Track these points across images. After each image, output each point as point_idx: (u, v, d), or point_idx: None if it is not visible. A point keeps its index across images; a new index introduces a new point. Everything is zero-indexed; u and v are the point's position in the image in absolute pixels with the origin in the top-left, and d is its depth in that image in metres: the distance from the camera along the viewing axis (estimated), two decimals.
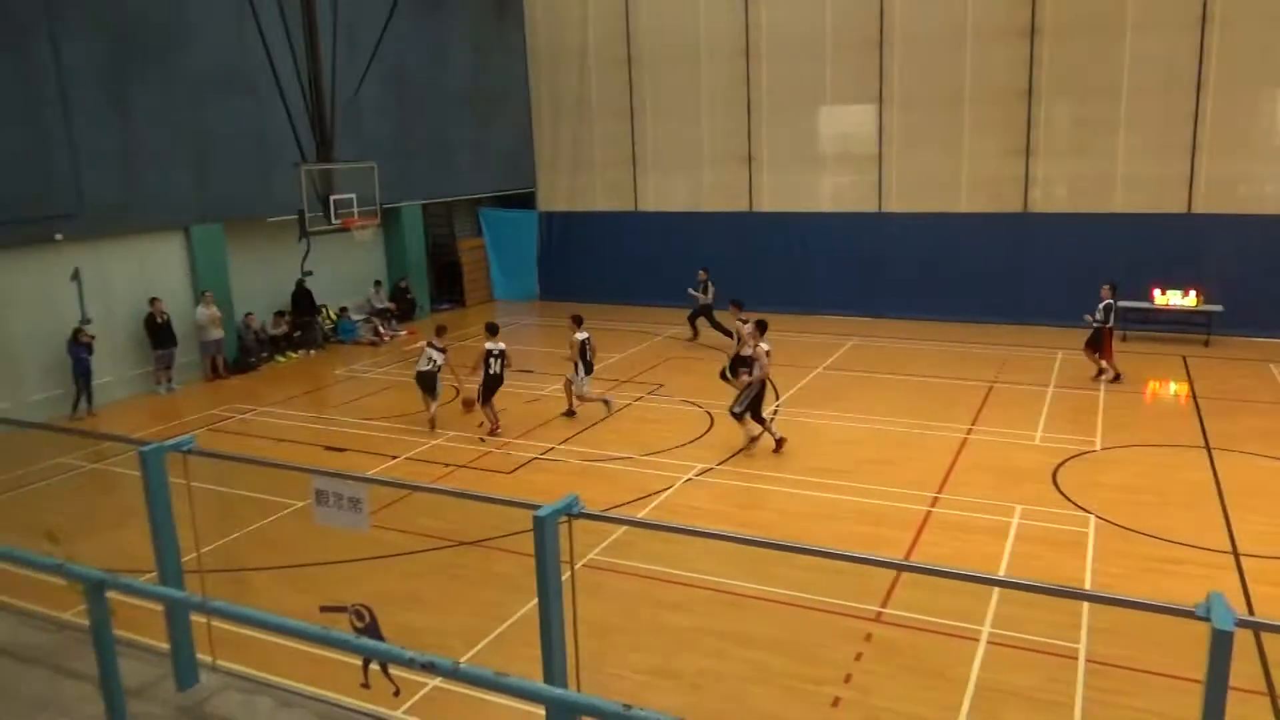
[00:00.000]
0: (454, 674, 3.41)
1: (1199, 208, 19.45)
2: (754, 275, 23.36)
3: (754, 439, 13.07)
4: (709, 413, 14.94)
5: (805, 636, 8.16)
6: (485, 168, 25.18)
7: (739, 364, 13.70)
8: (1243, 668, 7.12)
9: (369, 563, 9.65)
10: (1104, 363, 16.21)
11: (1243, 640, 3.36)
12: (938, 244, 21.64)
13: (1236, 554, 9.62)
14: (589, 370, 14.92)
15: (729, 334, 16.38)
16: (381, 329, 21.62)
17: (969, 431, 13.72)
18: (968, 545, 10.02)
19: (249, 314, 19.08)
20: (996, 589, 8.69)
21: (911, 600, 8.58)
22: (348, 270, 22.02)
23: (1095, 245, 20.16)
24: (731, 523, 10.62)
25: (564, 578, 4.43)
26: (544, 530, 4.31)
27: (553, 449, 13.45)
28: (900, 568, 9.02)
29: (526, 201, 26.43)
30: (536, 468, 12.75)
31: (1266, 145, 19.02)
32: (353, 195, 17.45)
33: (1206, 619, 3.23)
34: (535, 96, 25.86)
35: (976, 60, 20.68)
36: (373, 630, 6.84)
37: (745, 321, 13.81)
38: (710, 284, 20.17)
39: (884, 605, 8.56)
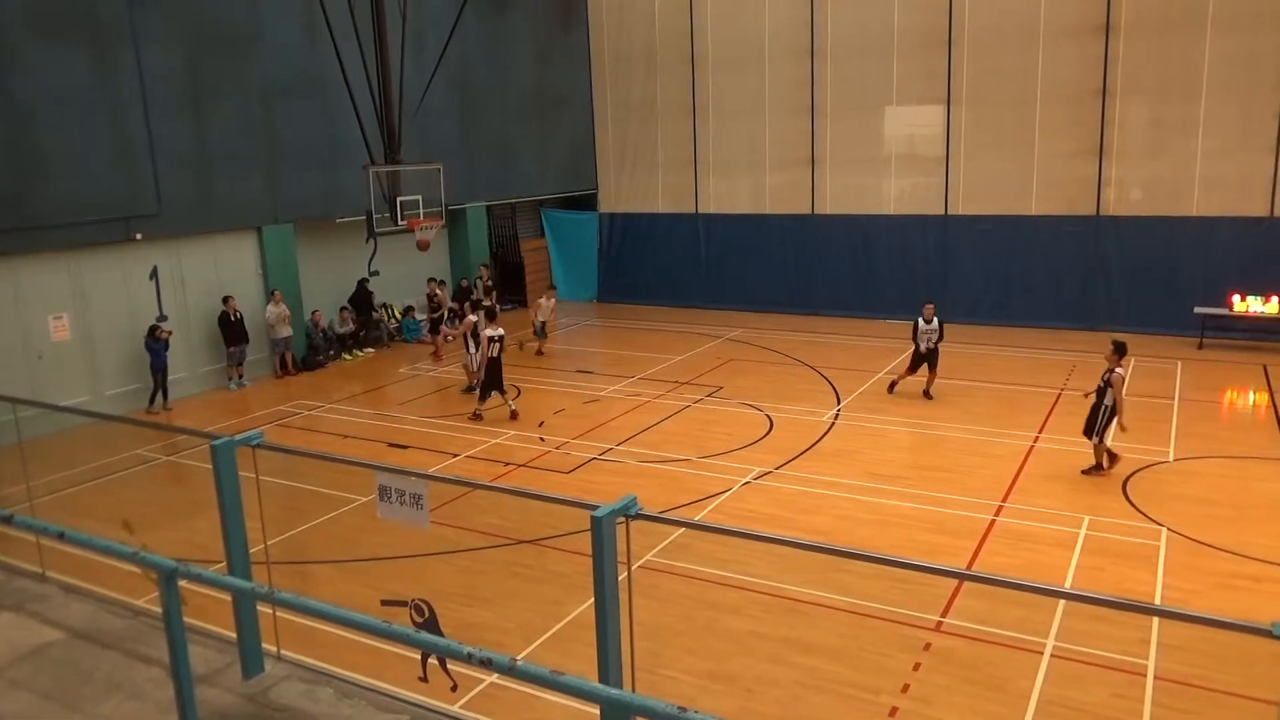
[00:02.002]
0: (511, 671, 3.45)
1: None
2: (816, 278, 23.20)
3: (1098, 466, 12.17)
4: (768, 416, 14.84)
5: (863, 644, 8.06)
6: (548, 169, 25.42)
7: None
8: None
9: (429, 558, 9.80)
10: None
11: None
12: (1006, 247, 21.17)
13: None
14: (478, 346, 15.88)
15: None
16: (445, 328, 21.93)
17: (1036, 439, 13.41)
18: (1033, 556, 9.79)
19: (316, 312, 19.53)
20: (1062, 601, 8.48)
21: (973, 610, 8.41)
22: (413, 271, 22.40)
23: (1171, 249, 19.54)
24: (789, 527, 10.54)
25: (620, 578, 4.45)
26: (601, 530, 4.32)
27: (611, 449, 13.51)
28: (963, 577, 8.86)
29: (588, 203, 26.60)
30: (595, 468, 12.81)
31: None
32: (418, 196, 17.75)
33: None
34: (598, 98, 25.99)
35: (1048, 59, 20.18)
36: (432, 625, 6.95)
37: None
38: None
39: (944, 615, 8.41)
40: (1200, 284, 18.98)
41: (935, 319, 15.49)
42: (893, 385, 15.96)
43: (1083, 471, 12.01)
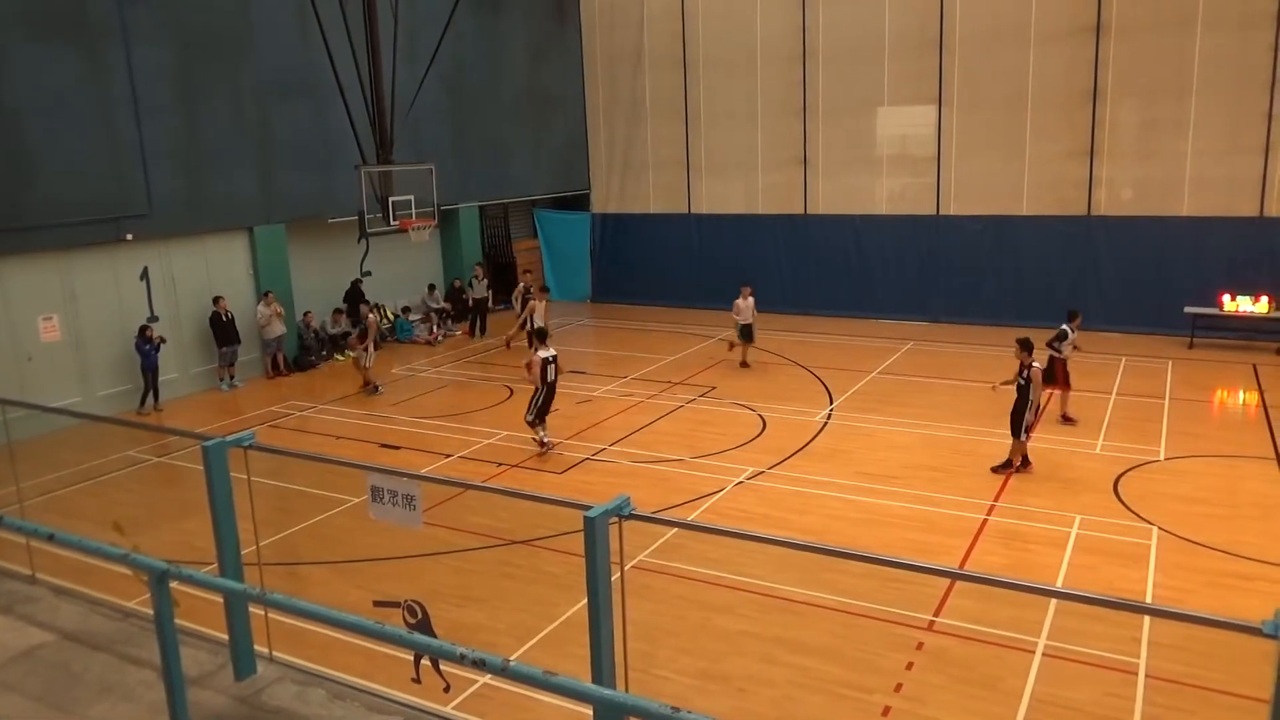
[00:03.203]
0: (504, 671, 3.44)
1: (1272, 211, 18.79)
2: (809, 278, 23.23)
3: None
4: (761, 416, 14.86)
5: (856, 644, 8.07)
6: (541, 170, 25.40)
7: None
8: None
9: (422, 559, 9.78)
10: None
11: None
12: (998, 247, 21.24)
13: None
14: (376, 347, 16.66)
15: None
16: (436, 328, 21.92)
17: (1027, 439, 13.42)
18: (1024, 555, 9.83)
19: (307, 313, 19.48)
20: (1054, 600, 8.50)
21: (965, 610, 8.44)
22: (406, 271, 22.38)
23: (1162, 249, 19.63)
24: (782, 527, 10.55)
25: (613, 578, 4.45)
26: (594, 531, 4.32)
27: (604, 450, 13.50)
28: (955, 576, 8.88)
29: (581, 203, 26.59)
30: (588, 468, 12.80)
31: None
32: (411, 197, 17.72)
33: (1274, 636, 3.12)
34: (591, 99, 25.99)
35: (1039, 60, 20.24)
36: (425, 626, 6.93)
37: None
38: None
39: (937, 614, 8.43)
40: (1191, 284, 19.06)
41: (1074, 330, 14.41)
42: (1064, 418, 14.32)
43: (993, 469, 12.17)
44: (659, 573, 9.36)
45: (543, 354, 13.51)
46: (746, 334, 18.01)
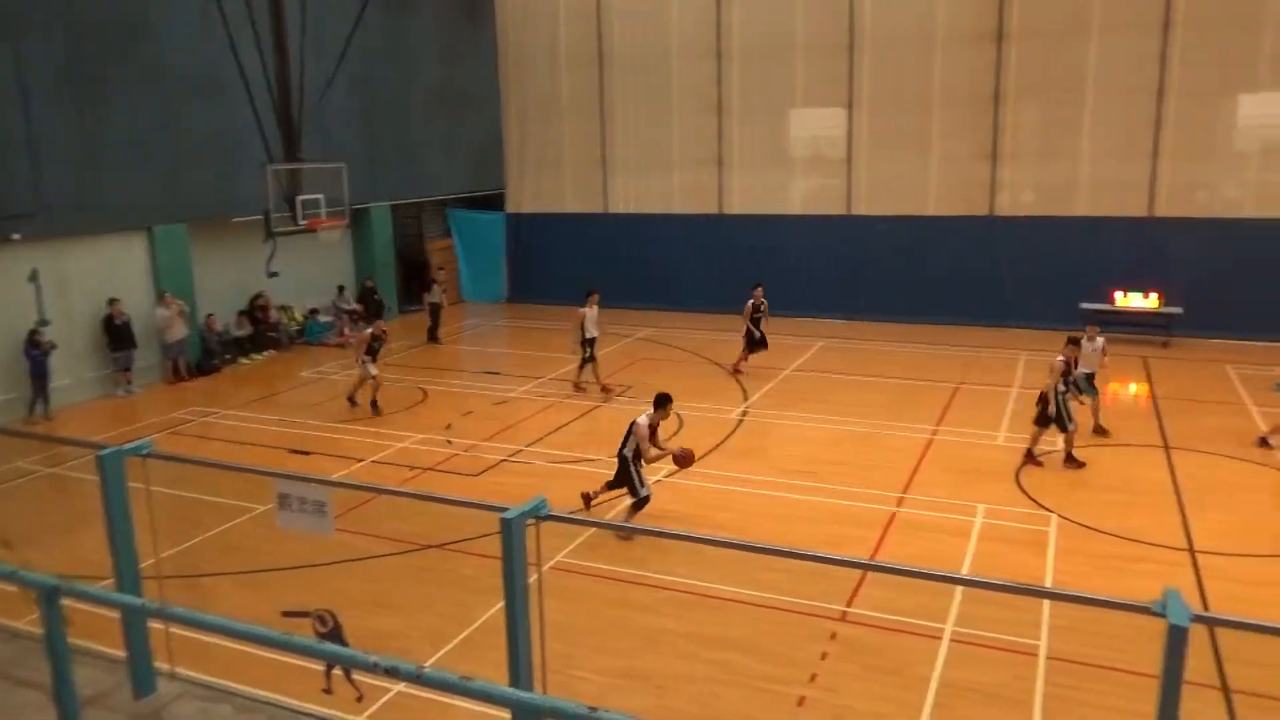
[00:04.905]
0: (418, 679, 3.38)
1: (1160, 211, 19.79)
2: (724, 277, 23.45)
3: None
4: (678, 414, 14.94)
5: (772, 637, 8.19)
6: (455, 169, 25.08)
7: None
8: (1198, 663, 7.27)
9: (333, 567, 9.55)
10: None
11: (1198, 636, 3.43)
12: (906, 247, 21.83)
13: (1193, 551, 9.79)
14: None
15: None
16: (347, 330, 21.43)
17: (935, 432, 13.86)
18: (932, 544, 10.12)
19: (211, 315, 18.82)
20: (960, 587, 8.78)
21: (877, 599, 8.65)
22: (316, 271, 21.80)
23: (1060, 247, 20.46)
24: (700, 524, 10.63)
25: (531, 580, 4.42)
26: (511, 533, 4.29)
27: (521, 451, 13.40)
28: (866, 567, 9.08)
29: (496, 203, 26.34)
30: (504, 470, 12.69)
31: (1226, 150, 19.40)
32: (320, 196, 17.29)
33: (1163, 615, 3.28)
34: (505, 98, 25.77)
35: (945, 64, 20.89)
36: (336, 635, 6.78)
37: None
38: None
39: (850, 605, 8.62)
40: (1086, 281, 19.92)
41: (1099, 338, 13.87)
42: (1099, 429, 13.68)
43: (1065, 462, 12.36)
44: (577, 573, 9.34)
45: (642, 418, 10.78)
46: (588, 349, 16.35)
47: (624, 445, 10.58)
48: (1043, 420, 12.41)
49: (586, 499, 10.91)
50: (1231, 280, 19.07)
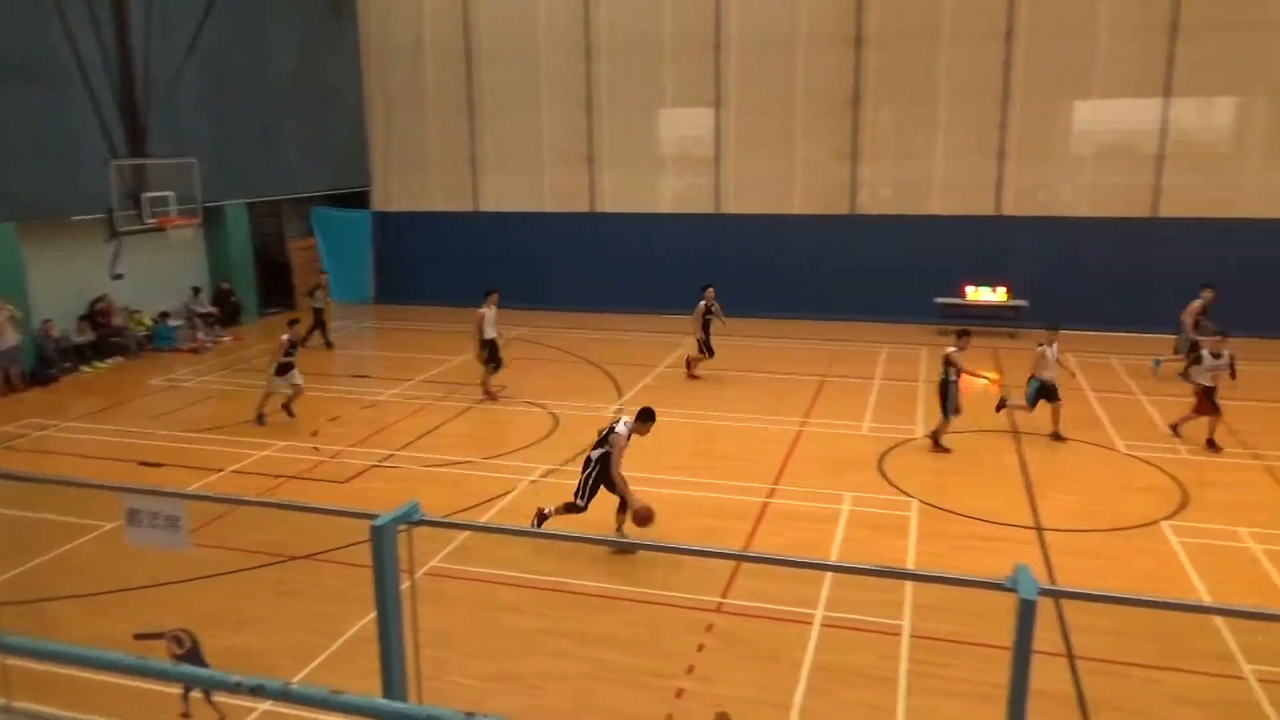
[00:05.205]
0: (285, 695, 3.23)
1: (1007, 210, 21.00)
2: (597, 276, 23.52)
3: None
4: (553, 414, 14.89)
5: (649, 631, 8.26)
6: (317, 165, 24.17)
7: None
8: (1047, 634, 7.76)
9: (190, 584, 9.06)
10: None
11: (1045, 608, 3.64)
12: (773, 244, 22.41)
13: (1040, 529, 10.44)
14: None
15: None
16: (202, 335, 20.38)
17: (803, 424, 14.28)
18: (803, 533, 10.42)
19: (47, 320, 17.53)
20: (829, 574, 9.08)
21: (751, 589, 8.84)
22: (166, 273, 20.62)
23: (916, 245, 21.42)
24: (574, 523, 10.61)
25: (404, 587, 4.29)
26: (382, 540, 4.15)
27: (391, 455, 13.06)
28: (739, 558, 9.28)
29: (361, 200, 25.57)
30: (374, 475, 12.33)
31: (1063, 153, 20.75)
32: (170, 193, 16.38)
33: (1014, 590, 3.46)
34: (369, 92, 25.04)
35: (807, 66, 21.55)
36: (194, 655, 6.45)
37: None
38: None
39: (724, 595, 8.78)
40: (940, 276, 20.94)
41: (1055, 343, 13.67)
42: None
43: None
44: (452, 577, 9.17)
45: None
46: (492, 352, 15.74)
47: (595, 448, 10.03)
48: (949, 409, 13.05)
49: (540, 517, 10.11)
50: (1069, 275, 20.44)
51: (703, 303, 17.16)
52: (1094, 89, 20.22)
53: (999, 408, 14.16)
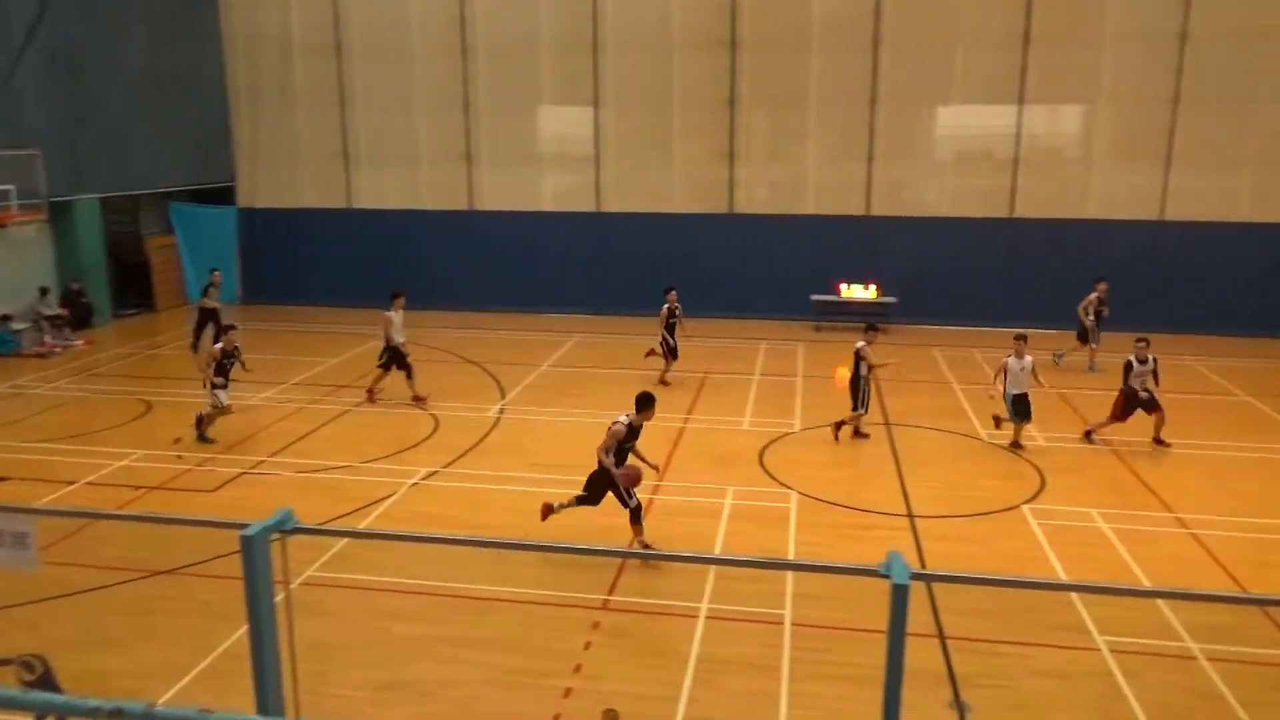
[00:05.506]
0: (148, 718, 3.05)
1: (875, 210, 21.80)
2: (477, 274, 23.20)
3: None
4: (433, 415, 14.61)
5: (536, 632, 8.20)
6: (175, 159, 22.93)
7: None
8: (919, 616, 8.10)
9: (40, 605, 8.47)
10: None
11: (918, 591, 3.81)
12: (654, 243, 22.58)
13: (911, 516, 10.88)
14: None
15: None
16: (50, 339, 19.07)
17: (686, 421, 14.46)
18: (687, 528, 10.55)
19: None
20: (713, 567, 9.22)
21: (636, 585, 8.90)
22: (7, 272, 19.19)
23: (792, 244, 21.98)
24: (460, 525, 10.45)
25: (278, 599, 4.12)
26: (253, 550, 3.97)
27: (263, 462, 12.53)
28: (623, 555, 9.32)
29: (226, 196, 24.43)
30: (245, 483, 11.81)
31: (926, 156, 21.69)
32: (11, 187, 15.27)
33: (887, 576, 3.59)
34: (233, 83, 23.93)
35: (684, 68, 21.81)
36: (46, 681, 6.05)
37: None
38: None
39: (611, 593, 8.81)
40: (815, 274, 21.57)
41: (1027, 356, 13.15)
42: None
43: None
44: (331, 586, 8.88)
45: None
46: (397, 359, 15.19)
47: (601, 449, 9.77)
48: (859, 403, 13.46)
49: (547, 510, 10.00)
50: (934, 272, 21.39)
51: (666, 305, 16.82)
52: (954, 95, 21.21)
53: (998, 426, 13.56)
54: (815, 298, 21.33)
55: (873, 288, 21.31)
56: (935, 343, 20.04)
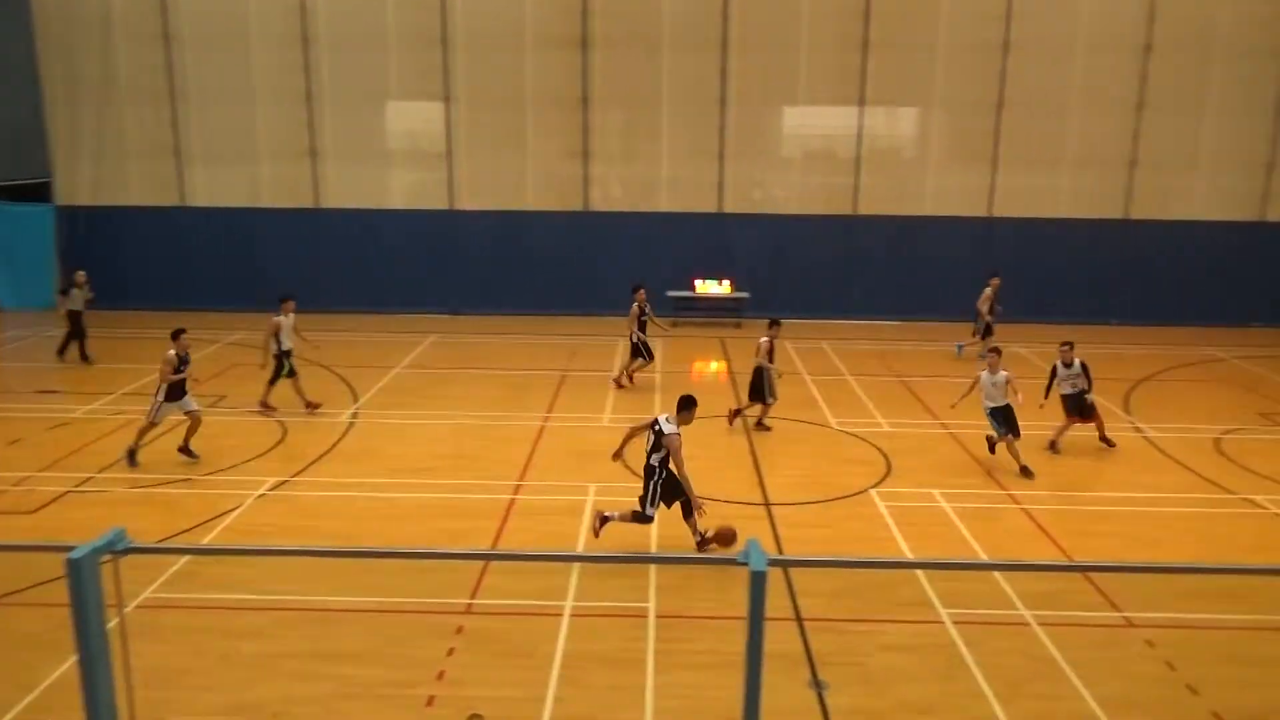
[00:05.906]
0: None
1: (728, 208, 22.31)
2: (324, 275, 22.32)
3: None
4: (280, 422, 13.98)
5: (395, 641, 7.97)
6: None
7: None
8: (777, 600, 8.34)
9: None
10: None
11: (776, 577, 3.92)
12: (509, 240, 22.37)
13: (768, 504, 11.20)
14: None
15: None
16: None
17: (546, 419, 14.39)
18: (549, 526, 10.50)
19: None
20: (576, 565, 9.21)
21: (500, 587, 8.79)
22: None
23: (647, 241, 22.22)
24: (311, 535, 10.05)
25: (111, 625, 3.83)
26: (81, 574, 3.67)
27: (91, 479, 11.67)
28: (484, 557, 9.21)
29: (41, 193, 22.56)
30: (70, 502, 10.96)
31: (774, 156, 22.39)
32: None
33: (746, 564, 3.67)
34: (47, 73, 22.10)
35: (536, 65, 21.67)
36: None
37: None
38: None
39: (473, 596, 8.66)
40: (671, 270, 21.88)
41: (1001, 371, 12.49)
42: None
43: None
44: (171, 608, 8.36)
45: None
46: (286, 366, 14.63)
47: (651, 454, 9.63)
48: (754, 395, 13.86)
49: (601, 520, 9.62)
50: (783, 268, 22.11)
51: (635, 305, 16.46)
52: (800, 97, 21.96)
53: (992, 449, 12.73)
54: (672, 294, 21.64)
55: (726, 283, 21.81)
56: (786, 335, 20.59)
